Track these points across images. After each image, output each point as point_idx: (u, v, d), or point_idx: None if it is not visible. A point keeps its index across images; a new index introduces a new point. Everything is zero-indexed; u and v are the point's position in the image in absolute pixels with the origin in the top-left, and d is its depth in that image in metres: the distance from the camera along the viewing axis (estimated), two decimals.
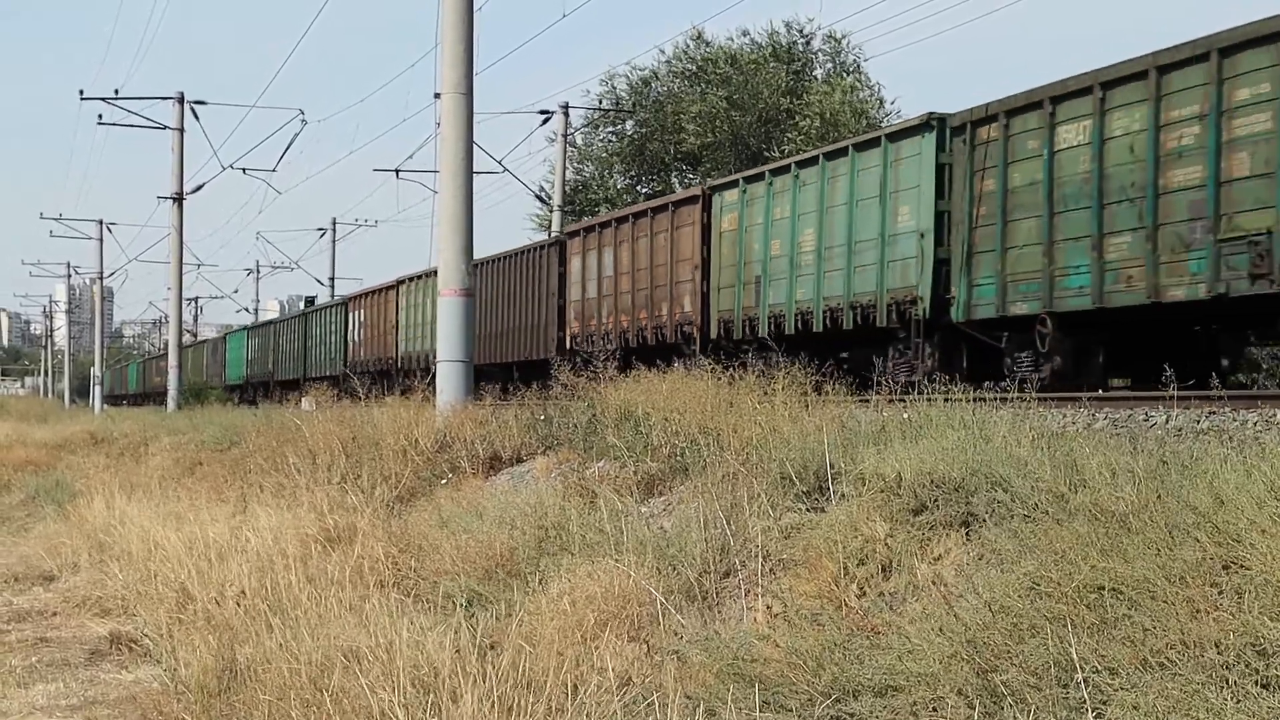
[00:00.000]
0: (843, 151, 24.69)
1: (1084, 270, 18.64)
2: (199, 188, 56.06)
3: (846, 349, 24.58)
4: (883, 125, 51.09)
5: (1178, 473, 7.57)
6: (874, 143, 23.89)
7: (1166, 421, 11.94)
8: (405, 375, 39.89)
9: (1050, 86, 19.60)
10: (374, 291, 53.66)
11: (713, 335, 28.07)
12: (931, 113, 22.57)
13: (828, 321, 24.28)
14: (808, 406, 12.73)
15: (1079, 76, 19.13)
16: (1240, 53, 16.50)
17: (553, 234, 38.40)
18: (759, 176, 27.64)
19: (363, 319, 54.25)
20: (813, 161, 25.54)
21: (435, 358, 36.98)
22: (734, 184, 28.56)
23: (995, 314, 20.24)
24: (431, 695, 7.99)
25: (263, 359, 71.24)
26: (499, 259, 40.61)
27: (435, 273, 43.59)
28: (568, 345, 34.06)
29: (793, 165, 26.40)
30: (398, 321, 48.85)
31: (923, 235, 22.18)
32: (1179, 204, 17.24)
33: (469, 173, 22.29)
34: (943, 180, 21.92)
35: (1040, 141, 19.60)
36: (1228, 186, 16.54)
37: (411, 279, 48.25)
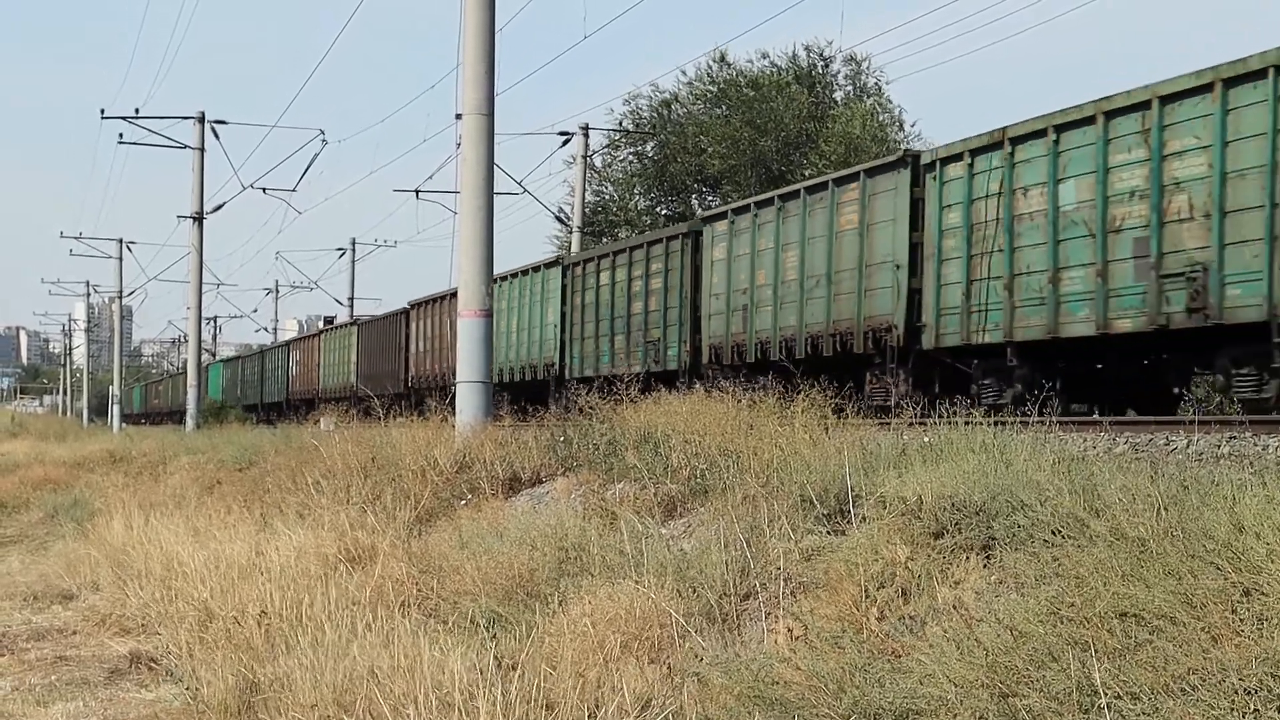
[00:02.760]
0: (527, 271, 40.62)
1: (607, 354, 34.51)
2: (219, 207, 56.07)
3: (527, 389, 39.65)
4: (902, 148, 51.17)
5: (1198, 498, 7.56)
6: (538, 269, 39.89)
7: (1187, 446, 11.94)
8: (324, 402, 58.62)
9: (600, 247, 38.97)
10: (306, 337, 69.00)
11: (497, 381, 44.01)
12: (560, 255, 41.46)
13: (524, 375, 39.95)
14: (828, 430, 12.73)
15: (604, 246, 37.42)
16: (655, 246, 32.97)
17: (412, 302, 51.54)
18: (499, 280, 41.64)
19: (298, 358, 68.63)
20: (514, 275, 41.44)
21: (343, 390, 54.99)
22: (510, 277, 43.62)
23: (579, 375, 35.16)
24: (453, 715, 8.00)
25: (232, 386, 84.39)
26: (377, 320, 57.37)
27: (345, 325, 60.95)
28: (409, 384, 49.19)
29: (509, 276, 41.56)
30: (319, 361, 63.45)
31: (556, 325, 37.92)
32: (636, 322, 33.13)
33: (489, 194, 22.31)
34: (564, 293, 37.64)
35: (595, 280, 35.58)
36: (649, 314, 32.55)
37: (329, 330, 64.08)
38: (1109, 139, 19.24)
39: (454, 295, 43.05)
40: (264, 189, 56.43)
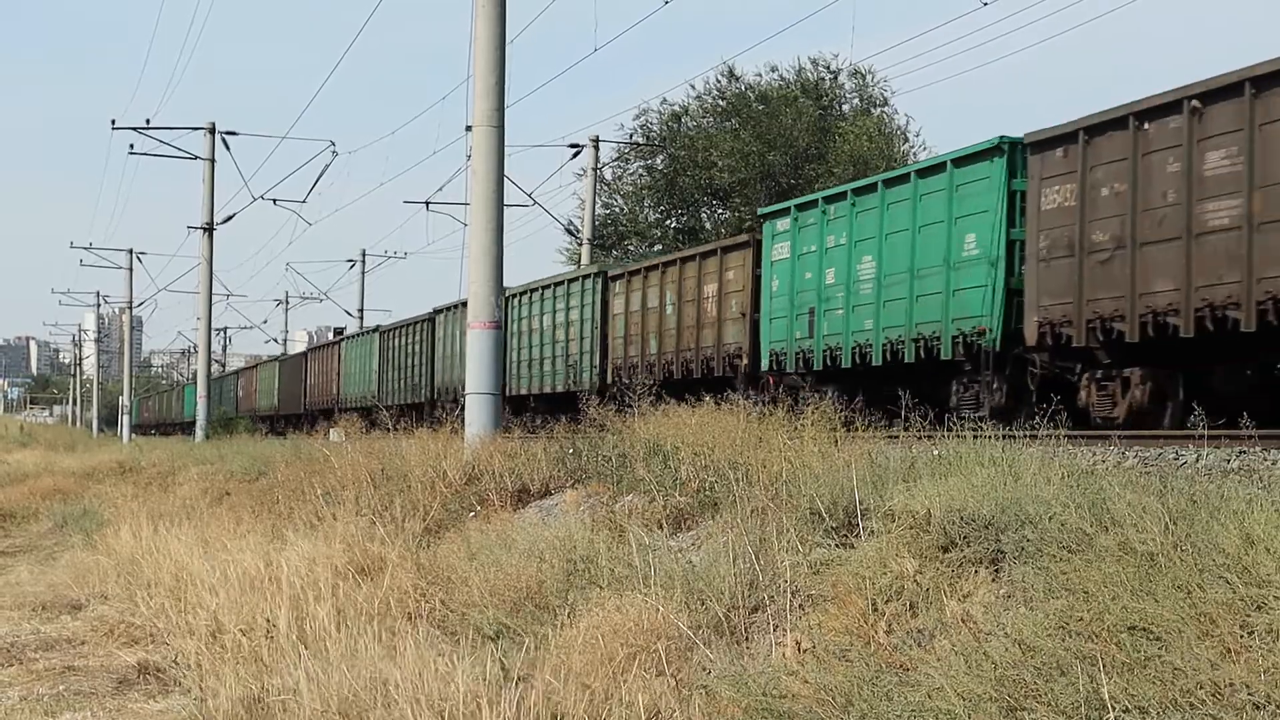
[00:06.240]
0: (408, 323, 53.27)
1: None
2: (229, 218, 56.10)
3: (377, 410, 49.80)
4: (909, 159, 51.15)
5: (1207, 513, 7.54)
6: (414, 322, 52.82)
7: (1197, 460, 11.91)
8: (264, 419, 74.20)
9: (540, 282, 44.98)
10: (249, 368, 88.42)
11: (347, 406, 55.50)
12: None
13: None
14: (837, 443, 12.71)
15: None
16: (420, 325, 50.34)
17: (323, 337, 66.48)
18: (368, 331, 59.11)
19: (243, 383, 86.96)
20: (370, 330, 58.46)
21: (271, 409, 74.18)
22: (354, 337, 60.10)
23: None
24: None
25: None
26: (290, 357, 78.37)
27: (269, 360, 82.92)
28: (307, 406, 64.07)
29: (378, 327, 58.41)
30: (256, 387, 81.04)
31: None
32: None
33: (499, 205, 22.32)
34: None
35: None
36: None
37: (267, 361, 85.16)
38: (555, 297, 37.73)
39: (334, 343, 63.26)
40: (274, 200, 56.44)
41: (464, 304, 41.91)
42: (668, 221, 59.32)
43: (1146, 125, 18.23)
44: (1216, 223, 17.13)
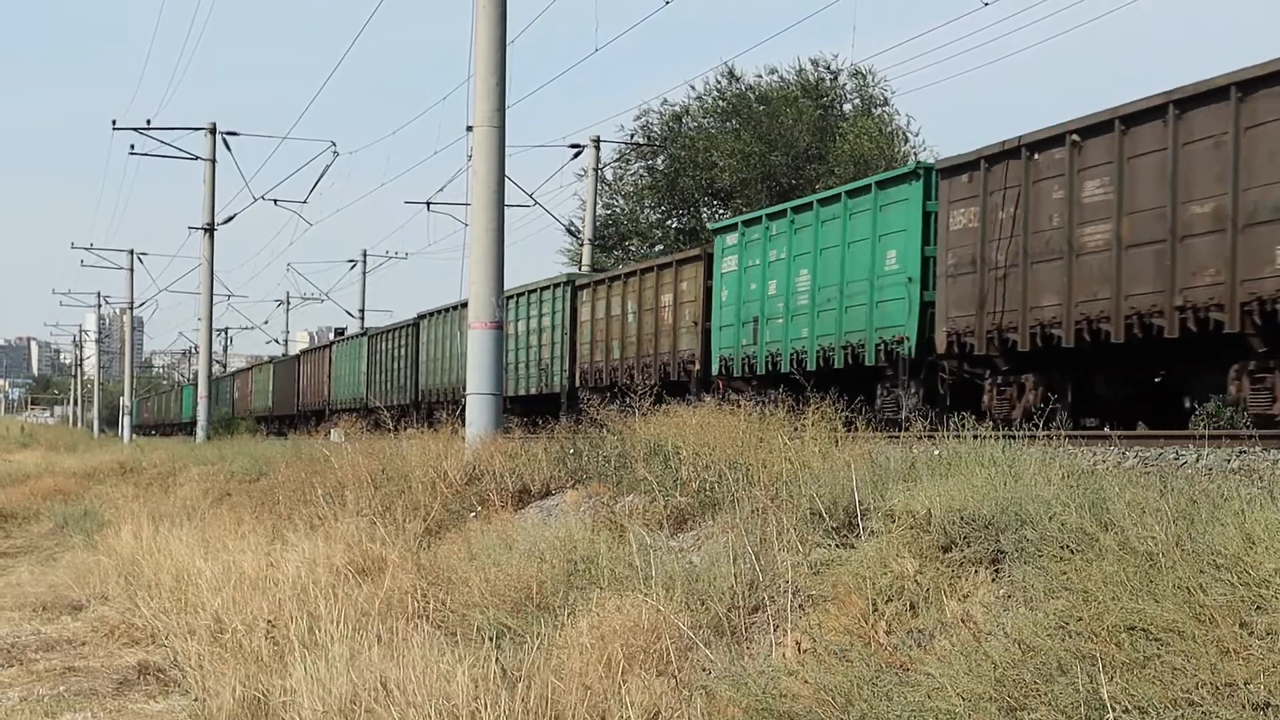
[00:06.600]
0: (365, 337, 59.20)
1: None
2: (230, 219, 56.13)
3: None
4: (910, 159, 51.13)
5: (1207, 513, 7.54)
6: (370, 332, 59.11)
7: (1197, 460, 11.91)
8: (260, 419, 76.09)
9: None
10: (245, 370, 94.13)
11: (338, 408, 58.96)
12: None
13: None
14: (837, 443, 12.71)
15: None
16: (401, 328, 53.29)
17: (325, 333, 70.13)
18: (358, 335, 62.18)
19: (240, 384, 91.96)
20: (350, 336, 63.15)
21: (263, 410, 78.21)
22: (344, 341, 63.45)
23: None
24: None
25: (194, 405, 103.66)
26: (284, 360, 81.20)
27: (264, 363, 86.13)
28: (300, 408, 69.07)
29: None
30: (251, 390, 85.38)
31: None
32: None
33: (500, 205, 22.30)
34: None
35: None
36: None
37: (258, 365, 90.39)
38: (530, 304, 39.28)
39: (325, 347, 67.44)
40: (275, 200, 56.44)
41: (448, 309, 45.42)
42: (669, 222, 59.22)
43: (1036, 155, 19.85)
44: (1092, 244, 18.69)
